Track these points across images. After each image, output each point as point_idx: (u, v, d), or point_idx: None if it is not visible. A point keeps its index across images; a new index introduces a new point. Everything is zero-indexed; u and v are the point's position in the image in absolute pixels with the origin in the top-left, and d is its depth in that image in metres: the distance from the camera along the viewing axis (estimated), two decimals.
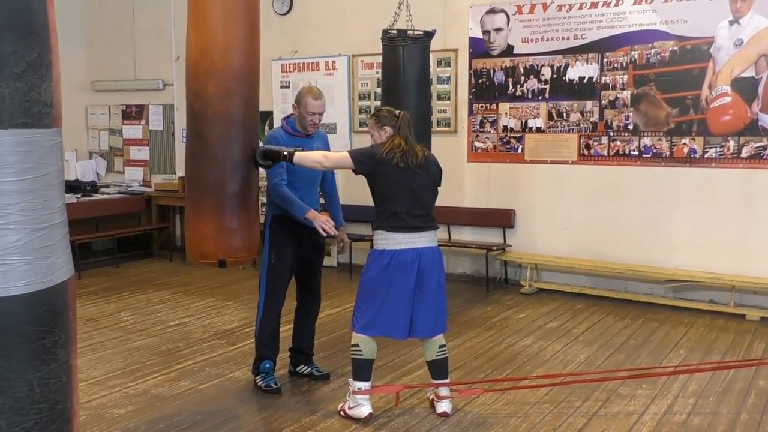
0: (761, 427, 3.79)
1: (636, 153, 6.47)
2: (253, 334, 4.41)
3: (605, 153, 6.61)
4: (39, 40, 2.04)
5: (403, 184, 3.72)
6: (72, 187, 8.28)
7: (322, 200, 4.52)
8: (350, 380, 3.88)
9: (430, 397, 4.04)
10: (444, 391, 3.94)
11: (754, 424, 3.83)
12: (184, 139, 8.90)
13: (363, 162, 3.75)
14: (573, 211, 6.79)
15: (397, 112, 3.87)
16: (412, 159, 3.74)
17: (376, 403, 3.97)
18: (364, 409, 3.82)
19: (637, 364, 4.79)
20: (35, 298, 2.02)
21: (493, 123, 7.11)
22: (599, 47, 6.55)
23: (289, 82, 8.13)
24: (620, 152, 6.54)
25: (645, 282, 6.47)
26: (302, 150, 3.93)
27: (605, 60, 6.54)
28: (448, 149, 7.04)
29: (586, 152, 6.70)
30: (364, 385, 3.83)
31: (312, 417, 3.93)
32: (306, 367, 4.52)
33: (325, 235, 4.00)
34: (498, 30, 6.99)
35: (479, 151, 7.20)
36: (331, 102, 7.97)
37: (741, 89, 6.01)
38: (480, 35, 7.08)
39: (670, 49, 6.26)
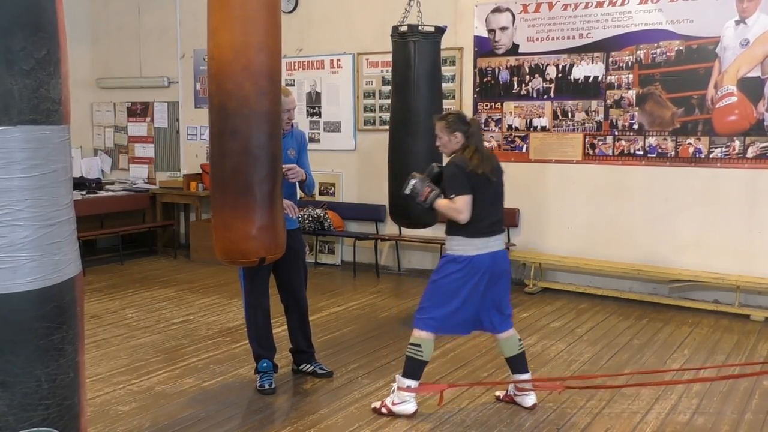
0: (765, 428, 3.79)
1: (641, 153, 6.46)
2: None
3: (610, 152, 6.60)
4: (48, 37, 2.04)
5: (488, 194, 3.81)
6: (77, 184, 8.31)
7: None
8: (397, 377, 3.92)
9: (509, 393, 4.07)
10: (528, 384, 4.01)
11: (758, 424, 3.83)
12: (189, 137, 9.03)
13: (468, 185, 3.75)
14: (577, 210, 6.78)
15: (468, 117, 3.93)
16: (493, 167, 3.84)
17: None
18: (411, 406, 3.89)
19: (641, 364, 4.79)
20: (44, 294, 2.02)
21: (498, 122, 7.11)
22: (605, 46, 6.54)
23: (294, 80, 8.12)
24: (625, 152, 6.54)
25: (649, 282, 6.46)
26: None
27: (610, 59, 6.53)
28: None
29: (590, 152, 6.69)
30: (413, 383, 3.88)
31: (315, 415, 3.94)
32: (309, 366, 4.53)
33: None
34: (503, 29, 6.99)
35: None
36: (335, 100, 7.99)
37: (747, 89, 6.00)
38: (485, 34, 7.07)
39: (676, 48, 6.25)
